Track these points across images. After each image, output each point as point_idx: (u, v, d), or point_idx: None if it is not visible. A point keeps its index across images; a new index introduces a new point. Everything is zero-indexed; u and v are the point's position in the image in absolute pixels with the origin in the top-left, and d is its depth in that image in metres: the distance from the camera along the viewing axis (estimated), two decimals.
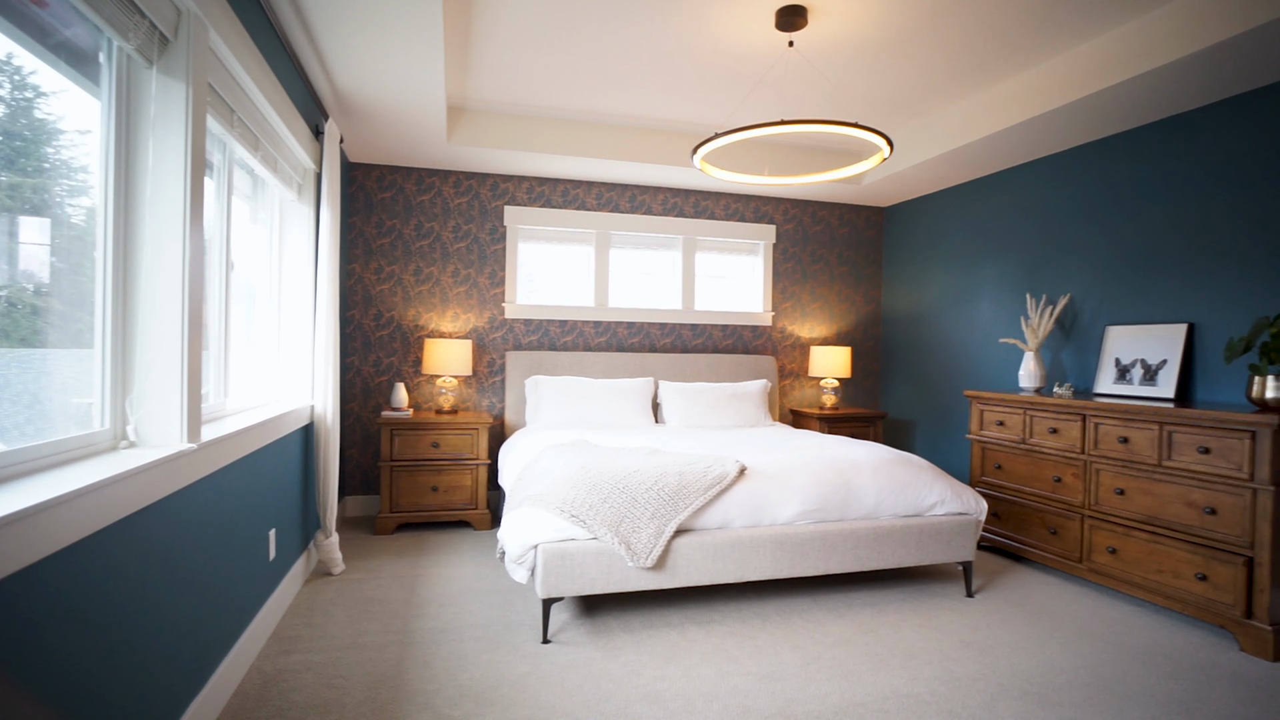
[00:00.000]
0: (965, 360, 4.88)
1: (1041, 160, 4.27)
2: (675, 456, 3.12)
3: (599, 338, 5.09)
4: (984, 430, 3.99)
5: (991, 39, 3.21)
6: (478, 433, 4.28)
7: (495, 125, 4.27)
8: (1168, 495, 2.98)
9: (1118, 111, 3.45)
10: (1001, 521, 3.84)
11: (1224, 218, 3.28)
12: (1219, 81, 3.05)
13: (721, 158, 4.77)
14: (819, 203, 5.59)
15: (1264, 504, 2.64)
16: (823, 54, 3.39)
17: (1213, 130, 3.32)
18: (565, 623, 2.84)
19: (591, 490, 2.76)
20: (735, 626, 2.84)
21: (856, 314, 5.75)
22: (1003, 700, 2.26)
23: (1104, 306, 3.86)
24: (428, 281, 4.75)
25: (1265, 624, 2.63)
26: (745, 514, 2.92)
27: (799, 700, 2.25)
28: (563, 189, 4.98)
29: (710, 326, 5.34)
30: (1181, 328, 3.40)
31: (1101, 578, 3.26)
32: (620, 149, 4.50)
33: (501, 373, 4.88)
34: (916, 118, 4.32)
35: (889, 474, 3.18)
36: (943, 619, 2.95)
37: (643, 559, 2.70)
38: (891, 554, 3.10)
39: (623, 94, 3.98)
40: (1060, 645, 2.70)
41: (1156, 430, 3.02)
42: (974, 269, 4.81)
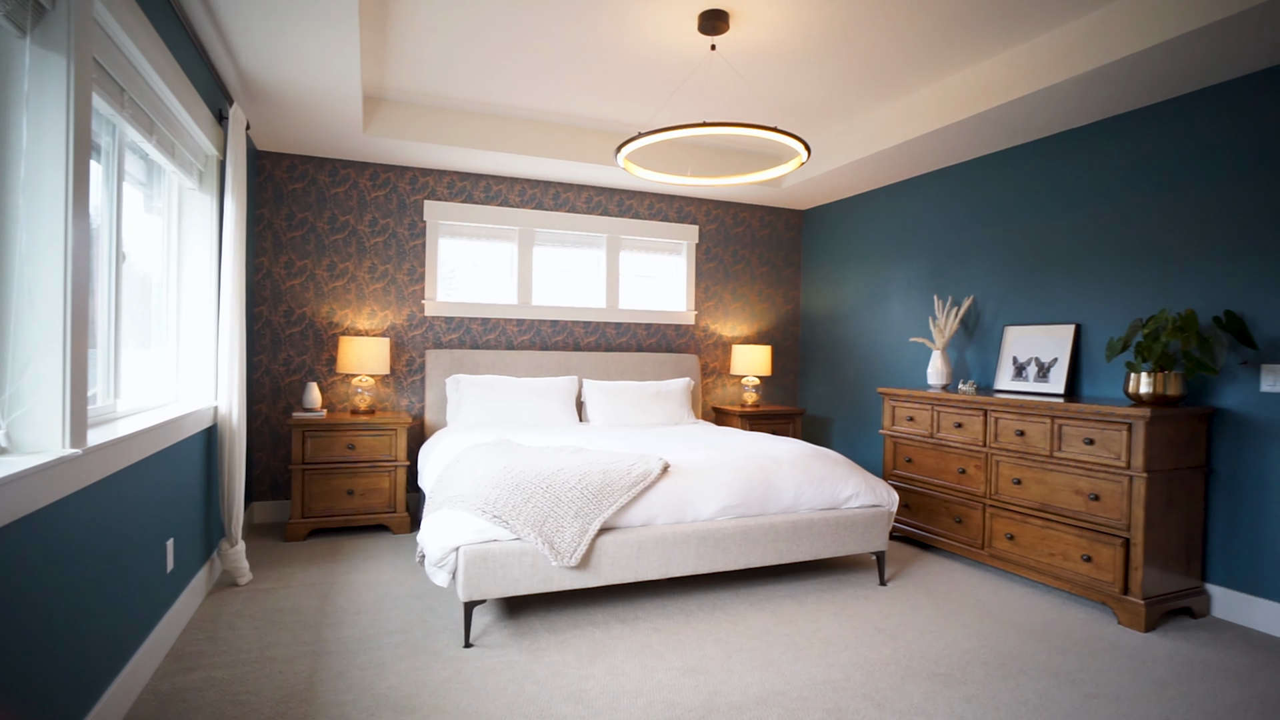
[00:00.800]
0: (878, 358, 5.10)
1: (948, 169, 4.50)
2: (599, 455, 3.12)
3: (522, 336, 5.02)
4: (895, 426, 4.18)
5: (902, 52, 3.36)
6: (396, 433, 4.14)
7: (415, 117, 4.15)
8: (1058, 484, 3.20)
9: (1015, 126, 3.68)
10: (912, 512, 4.03)
11: (1107, 226, 3.55)
12: (1104, 100, 3.30)
13: (645, 157, 4.80)
14: (741, 204, 5.71)
15: (1138, 490, 2.88)
16: (744, 58, 3.46)
17: (1097, 145, 3.59)
18: (488, 625, 2.80)
19: (514, 490, 2.72)
20: (660, 622, 2.86)
21: (776, 313, 5.90)
22: (912, 681, 2.38)
23: (1003, 308, 4.11)
24: (343, 277, 4.56)
25: (1139, 599, 2.87)
26: (669, 511, 2.95)
27: (722, 692, 2.29)
28: (485, 185, 4.89)
29: (634, 325, 5.37)
30: (1070, 328, 3.66)
31: (1001, 562, 3.47)
32: (544, 146, 4.46)
33: (421, 371, 4.75)
34: (833, 124, 4.47)
35: (807, 469, 3.28)
36: (858, 607, 3.07)
37: (566, 558, 2.68)
38: (810, 546, 3.20)
39: (547, 90, 3.94)
40: (964, 627, 2.86)
41: (1048, 424, 3.24)
42: (886, 271, 5.02)
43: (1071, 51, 3.04)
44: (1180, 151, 3.23)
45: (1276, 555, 2.87)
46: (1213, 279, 3.10)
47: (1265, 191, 2.92)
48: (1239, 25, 2.54)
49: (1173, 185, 3.26)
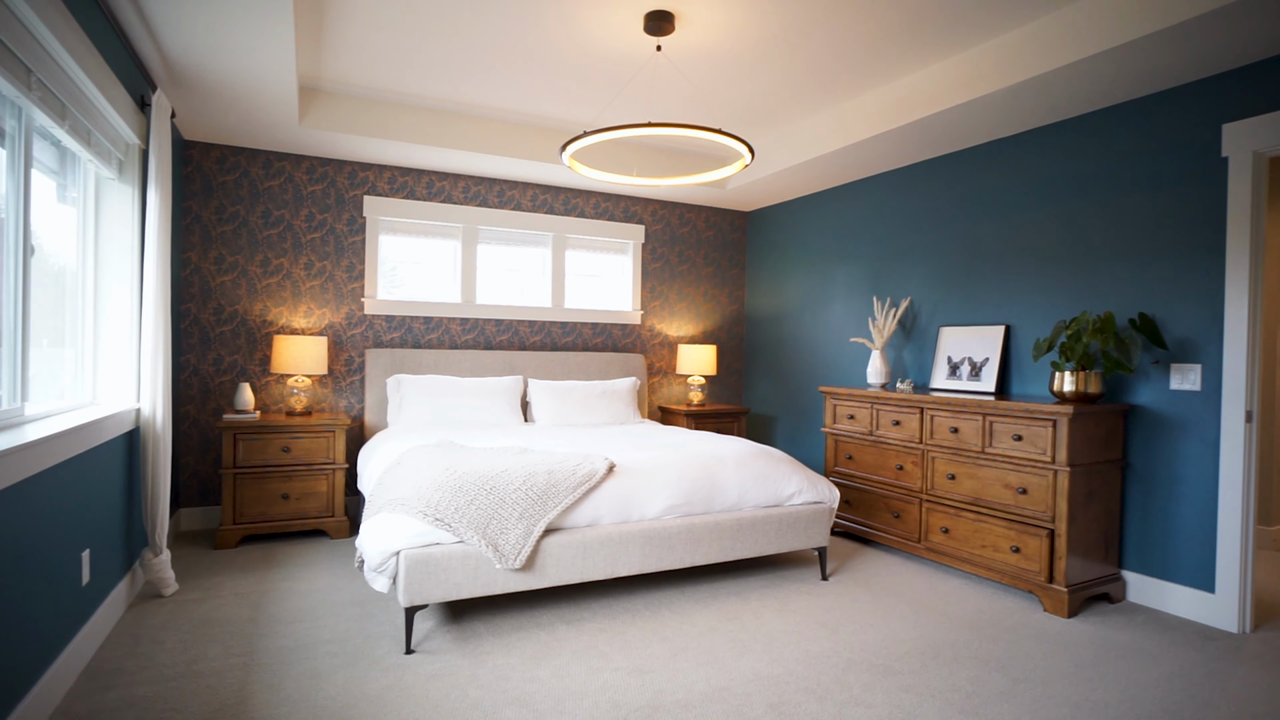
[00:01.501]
0: (820, 358, 5.21)
1: (887, 174, 4.63)
2: (544, 455, 3.09)
3: (466, 335, 4.94)
4: (837, 424, 4.28)
5: (843, 59, 3.44)
6: (334, 435, 4.02)
7: (354, 109, 4.03)
8: (989, 478, 3.33)
9: (948, 134, 3.81)
10: (852, 508, 4.13)
11: (1034, 232, 3.71)
12: (1030, 111, 3.45)
13: (591, 156, 4.79)
14: (686, 205, 5.74)
15: (1062, 483, 3.02)
16: (689, 60, 3.49)
17: (1024, 155, 3.75)
18: (430, 631, 2.74)
19: (457, 492, 2.67)
20: (605, 623, 2.85)
21: (722, 313, 5.97)
22: (853, 673, 2.43)
23: (939, 309, 4.26)
24: (277, 274, 4.39)
25: (1062, 587, 3.01)
26: (614, 510, 2.95)
27: (668, 690, 2.30)
28: (427, 180, 4.78)
29: (580, 325, 5.34)
30: (1000, 329, 3.82)
31: (937, 555, 3.59)
32: (488, 142, 4.39)
33: (361, 371, 4.62)
34: (776, 128, 4.55)
35: (751, 467, 3.33)
36: (800, 602, 3.13)
37: (511, 560, 2.65)
38: (754, 543, 3.25)
39: (491, 86, 3.88)
40: (901, 619, 2.95)
41: (980, 421, 3.37)
42: (828, 272, 5.14)
43: (1000, 64, 3.16)
44: (1100, 163, 3.40)
45: (1184, 543, 3.06)
46: (1129, 283, 3.28)
47: (1173, 202, 3.10)
48: (1151, 45, 2.68)
49: (1093, 194, 3.43)
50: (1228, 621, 2.91)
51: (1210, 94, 3.00)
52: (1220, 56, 2.80)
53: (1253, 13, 2.44)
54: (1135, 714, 2.20)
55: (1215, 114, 2.98)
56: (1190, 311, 3.05)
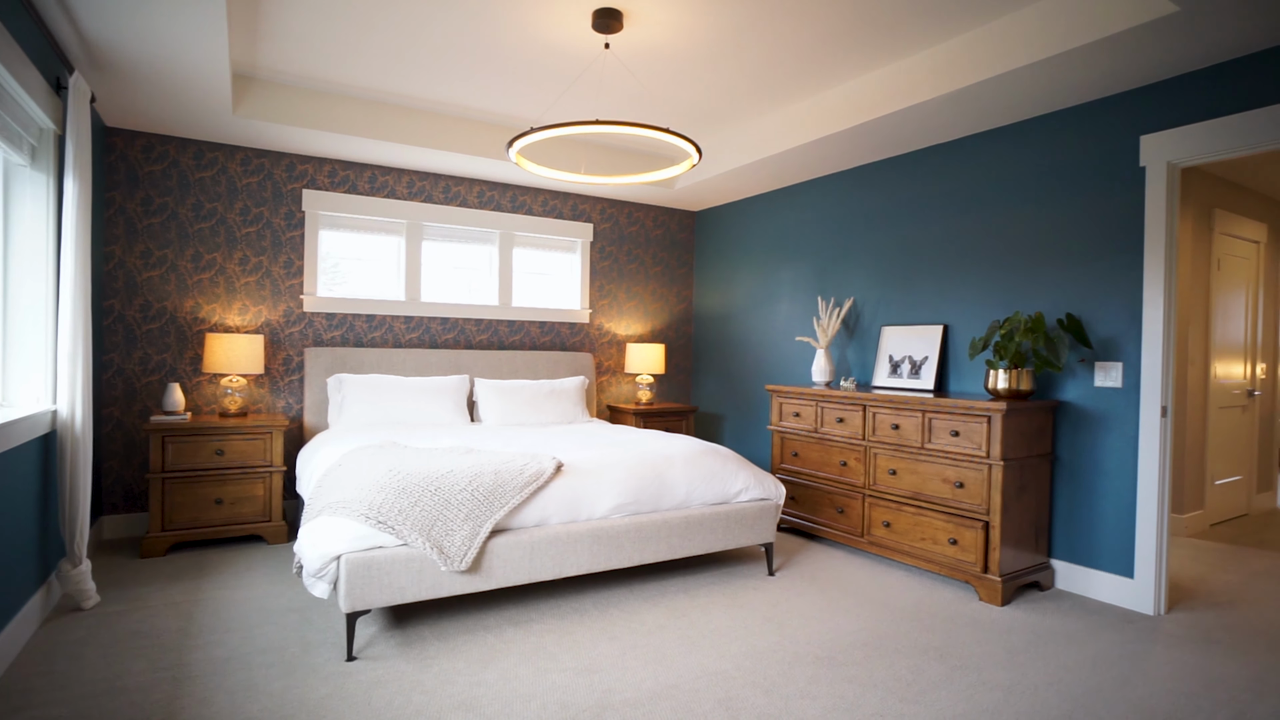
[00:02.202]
0: (767, 357, 5.29)
1: (831, 176, 4.73)
2: (491, 455, 3.05)
3: (410, 334, 4.83)
4: (783, 421, 4.35)
5: (790, 62, 3.49)
6: (271, 437, 3.87)
7: (292, 100, 3.89)
8: (929, 473, 3.44)
9: (891, 138, 3.91)
10: (798, 504, 4.21)
11: (970, 235, 3.85)
12: (969, 118, 3.57)
13: (539, 153, 4.74)
14: (635, 204, 5.75)
15: (996, 477, 3.14)
16: (637, 58, 3.49)
17: (961, 160, 3.89)
18: (373, 637, 2.66)
19: (401, 494, 2.61)
20: (554, 623, 2.83)
21: (670, 312, 6.00)
22: (798, 666, 2.48)
23: (880, 309, 4.37)
24: (210, 269, 4.21)
25: (996, 576, 3.13)
26: (562, 510, 2.93)
27: (616, 689, 2.29)
28: (370, 175, 4.66)
29: (528, 323, 5.29)
30: (939, 329, 3.95)
31: (879, 549, 3.68)
32: (434, 137, 4.30)
33: (300, 371, 4.46)
34: (724, 129, 4.59)
35: (699, 465, 3.35)
36: (747, 598, 3.17)
37: (457, 563, 2.60)
38: (702, 540, 3.27)
39: (436, 79, 3.80)
40: (845, 612, 3.02)
41: (920, 418, 3.47)
42: (774, 272, 5.22)
43: (937, 73, 3.27)
44: (1031, 169, 3.55)
45: (1107, 531, 3.22)
46: (1058, 285, 3.43)
47: (1097, 209, 3.26)
48: (1076, 59, 2.81)
49: (1025, 199, 3.58)
50: (1145, 605, 3.07)
51: (1130, 107, 3.16)
52: (1139, 72, 2.95)
53: (1168, 32, 2.59)
54: (1061, 695, 2.30)
55: (1134, 126, 3.14)
56: (1113, 312, 3.21)
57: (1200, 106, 2.93)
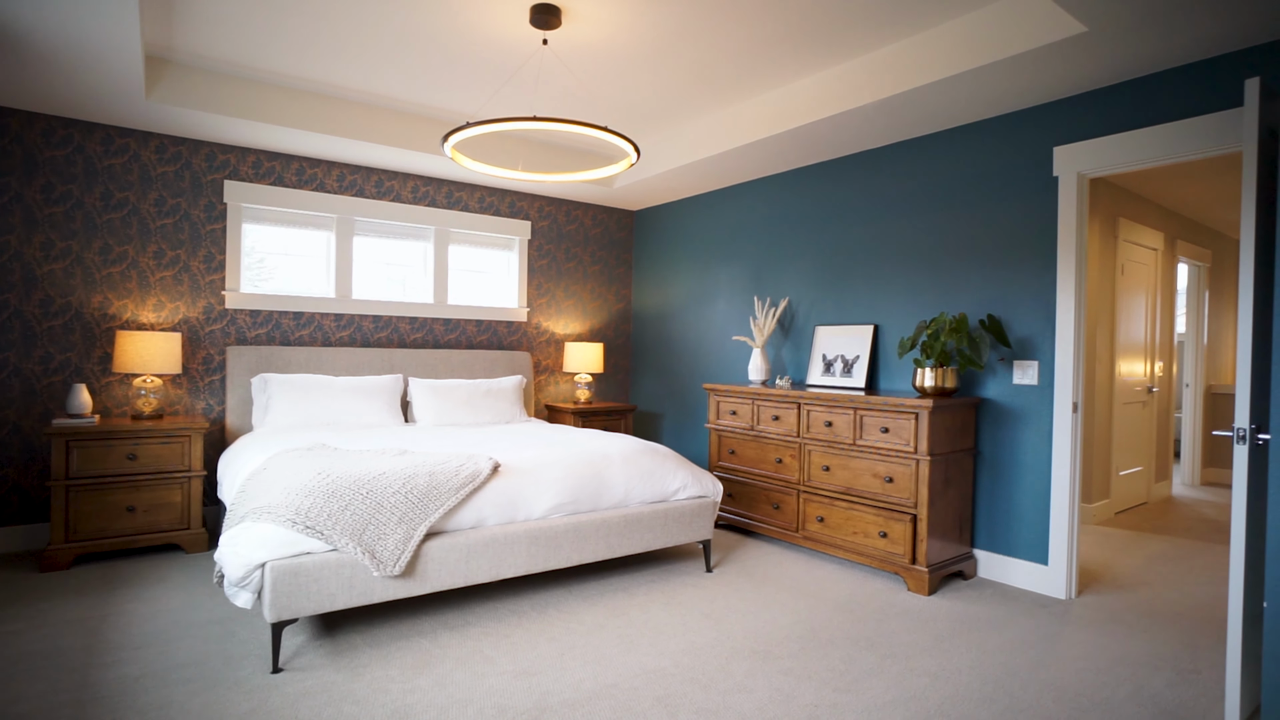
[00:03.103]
0: (705, 356, 5.35)
1: (768, 178, 4.82)
2: (426, 456, 2.97)
3: (341, 332, 4.67)
4: (720, 419, 4.41)
5: (727, 65, 3.54)
6: (190, 440, 3.67)
7: (213, 86, 3.69)
8: (860, 469, 3.55)
9: (825, 142, 4.02)
10: (735, 501, 4.27)
11: (900, 238, 3.99)
12: (899, 125, 3.70)
13: (475, 149, 4.66)
14: (573, 202, 5.72)
15: (923, 471, 3.27)
16: (576, 55, 3.47)
17: (893, 165, 4.03)
18: (301, 646, 2.56)
19: (330, 497, 2.51)
20: (491, 626, 2.79)
21: (609, 311, 5.99)
22: (735, 661, 2.51)
23: (814, 309, 4.48)
24: (120, 262, 3.96)
25: (924, 567, 3.26)
26: (500, 511, 2.89)
27: (554, 691, 2.27)
28: (297, 167, 4.48)
29: (464, 321, 5.20)
30: (870, 328, 4.08)
31: (814, 543, 3.78)
32: (365, 129, 4.17)
33: (222, 370, 4.25)
34: (662, 129, 4.62)
35: (637, 464, 3.36)
36: (685, 595, 3.20)
37: (390, 567, 2.53)
38: (640, 539, 3.28)
39: (369, 70, 3.68)
40: (781, 606, 3.08)
41: (852, 415, 3.58)
42: (712, 272, 5.28)
43: (869, 81, 3.37)
44: (956, 176, 3.71)
45: (1024, 521, 3.39)
46: (980, 287, 3.59)
47: (1015, 215, 3.43)
48: (995, 72, 2.95)
49: (950, 205, 3.73)
50: (1058, 590, 3.25)
51: (1044, 120, 3.34)
52: (1053, 86, 3.12)
53: (1078, 50, 2.74)
54: (981, 678, 2.41)
55: (1048, 138, 3.32)
56: (1029, 313, 3.38)
57: (1107, 121, 3.12)
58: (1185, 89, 2.90)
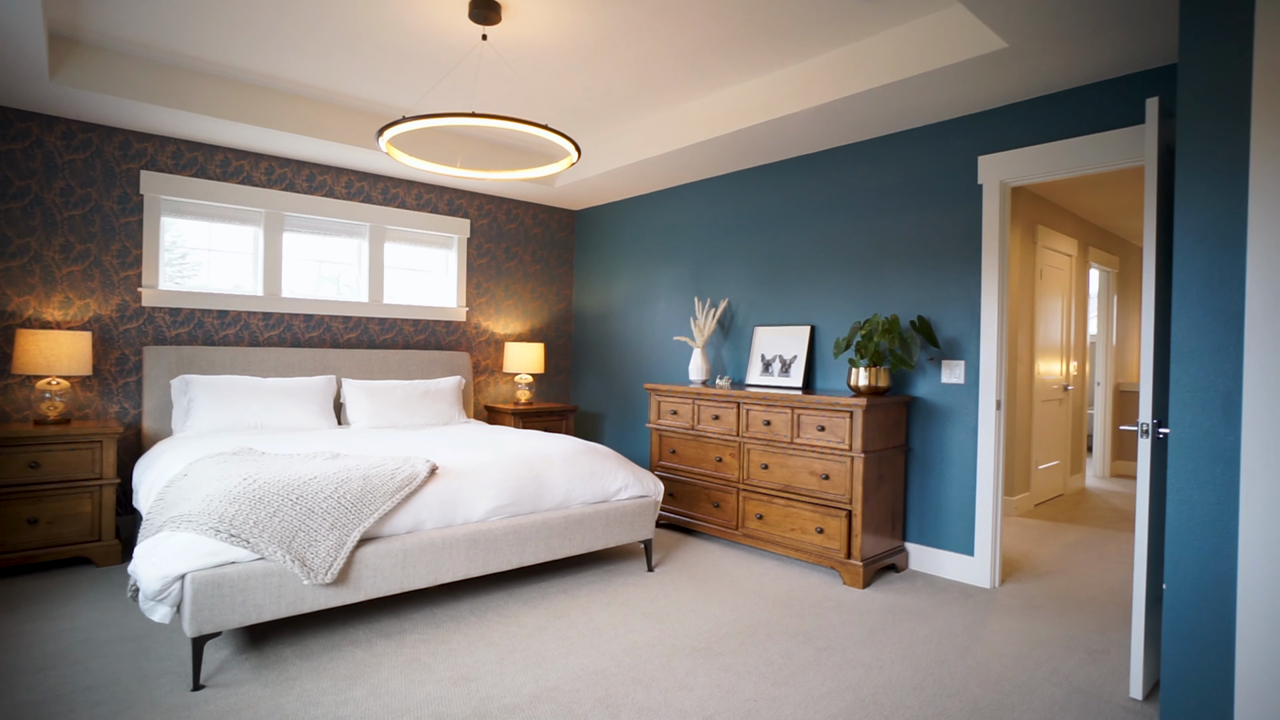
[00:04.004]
0: (646, 356, 5.37)
1: (708, 180, 4.88)
2: (360, 459, 2.88)
3: (270, 331, 4.48)
4: (661, 419, 4.43)
5: (668, 67, 3.56)
6: (101, 446, 3.46)
7: (127, 70, 3.49)
8: (798, 466, 3.62)
9: (764, 146, 4.09)
10: (676, 500, 4.30)
11: (836, 241, 4.09)
12: (835, 131, 3.80)
13: (412, 144, 4.55)
14: (514, 200, 5.65)
15: (858, 468, 3.36)
16: (516, 52, 3.43)
17: (829, 170, 4.13)
18: (225, 661, 2.44)
19: (257, 504, 2.41)
20: (428, 632, 2.72)
21: (550, 311, 5.95)
22: (677, 659, 2.53)
23: (753, 310, 4.56)
24: (22, 255, 3.69)
25: (858, 561, 3.36)
26: (437, 514, 2.83)
27: (494, 696, 2.24)
28: (222, 158, 4.27)
29: (401, 321, 5.06)
30: (807, 329, 4.17)
31: (753, 540, 3.84)
32: (296, 121, 4.01)
33: (138, 372, 4.02)
34: (604, 129, 4.61)
35: (578, 464, 3.34)
36: (627, 594, 3.20)
37: (321, 575, 2.44)
38: (582, 540, 3.27)
39: (301, 60, 3.55)
40: (721, 603, 3.12)
41: (789, 414, 3.65)
42: (653, 273, 5.31)
43: (806, 87, 3.45)
44: (888, 182, 3.83)
45: (952, 514, 3.54)
46: (911, 289, 3.72)
47: (943, 220, 3.57)
48: (923, 83, 3.07)
49: (883, 209, 3.85)
50: (983, 579, 3.40)
51: (970, 130, 3.49)
52: (977, 98, 3.27)
53: (999, 65, 2.88)
54: (913, 667, 2.50)
55: (974, 147, 3.47)
56: (957, 315, 3.53)
57: (1026, 133, 3.29)
58: (1096, 105, 3.08)
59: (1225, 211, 1.77)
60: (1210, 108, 1.80)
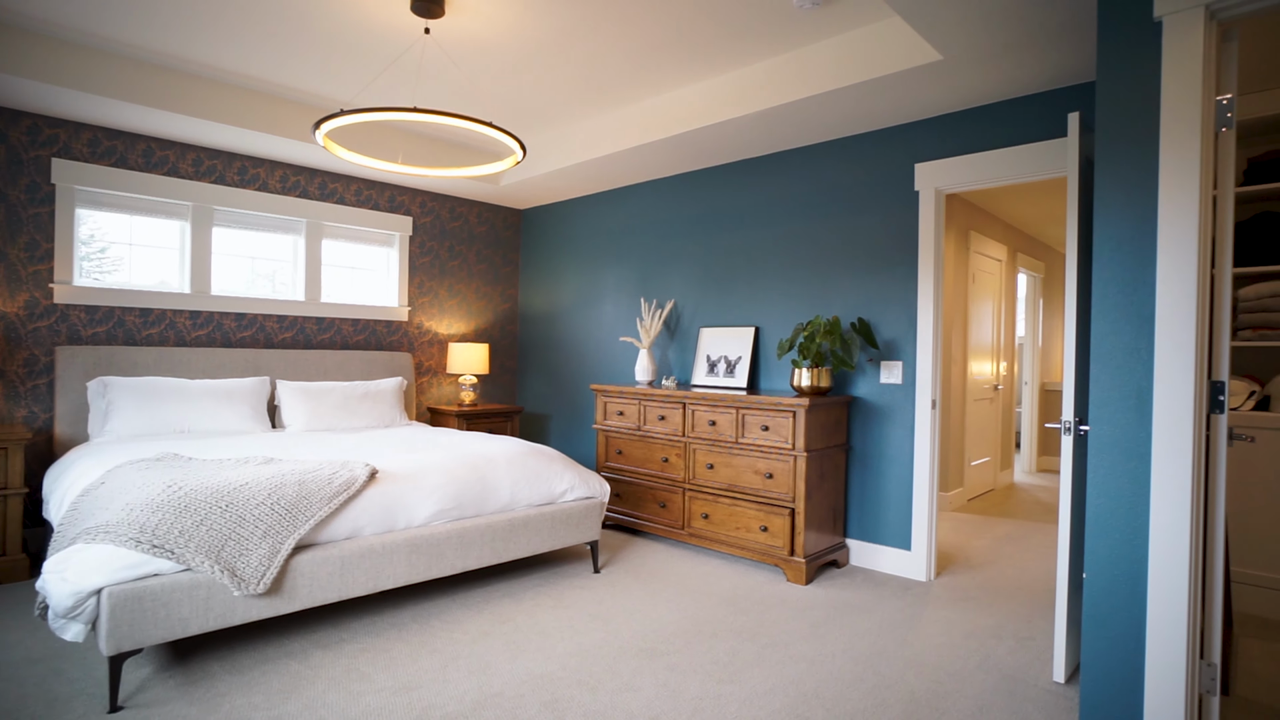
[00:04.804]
0: (592, 356, 5.35)
1: (655, 181, 4.90)
2: (295, 464, 2.78)
3: (198, 331, 4.28)
4: (607, 420, 4.42)
5: (615, 68, 3.55)
6: (6, 453, 3.23)
7: (34, 48, 3.27)
8: (742, 466, 3.67)
9: (709, 149, 4.13)
10: (623, 501, 4.30)
11: (779, 243, 4.17)
12: (779, 136, 3.86)
13: (352, 138, 4.42)
14: (458, 199, 5.56)
15: (801, 467, 3.43)
16: (461, 48, 3.37)
17: (773, 174, 4.20)
18: (147, 680, 2.32)
19: (183, 512, 2.29)
20: (368, 641, 2.65)
21: (495, 311, 5.87)
22: (623, 660, 2.53)
23: (699, 311, 4.60)
24: None
25: (801, 558, 3.42)
26: (377, 520, 2.75)
27: (437, 704, 2.19)
28: (145, 147, 4.06)
29: (340, 321, 4.91)
30: (751, 330, 4.23)
31: (699, 539, 3.87)
32: (226, 110, 3.84)
33: (50, 374, 3.78)
34: (550, 128, 4.58)
35: (523, 466, 3.31)
36: (573, 597, 3.18)
37: (253, 585, 2.34)
38: (527, 543, 3.23)
39: (234, 47, 3.40)
40: (667, 603, 3.13)
41: (734, 414, 3.70)
42: (600, 273, 5.30)
43: (749, 92, 3.50)
44: (830, 186, 3.92)
45: (890, 511, 3.64)
46: (852, 291, 3.82)
47: (882, 225, 3.68)
48: (863, 91, 3.15)
49: (826, 213, 3.94)
50: (919, 573, 3.52)
51: (907, 138, 3.60)
52: (914, 108, 3.37)
53: (934, 77, 2.98)
54: (854, 660, 2.56)
55: (911, 155, 3.58)
56: (895, 317, 3.64)
57: (960, 142, 3.41)
58: (1024, 118, 3.22)
59: (1139, 221, 1.88)
60: (1125, 125, 1.90)
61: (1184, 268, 1.78)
